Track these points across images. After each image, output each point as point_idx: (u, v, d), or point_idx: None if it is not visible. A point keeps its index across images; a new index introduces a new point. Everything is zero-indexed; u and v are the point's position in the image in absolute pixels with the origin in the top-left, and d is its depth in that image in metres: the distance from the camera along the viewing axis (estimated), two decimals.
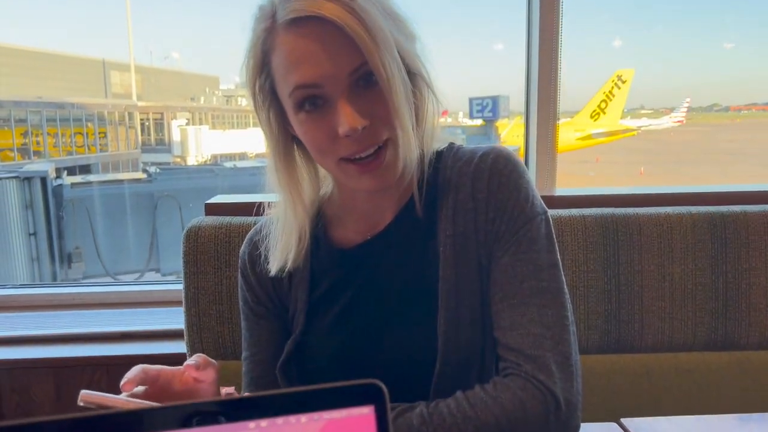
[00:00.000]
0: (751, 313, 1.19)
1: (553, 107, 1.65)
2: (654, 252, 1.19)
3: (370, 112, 0.72)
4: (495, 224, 0.79)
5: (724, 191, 1.30)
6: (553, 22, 1.59)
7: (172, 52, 41.10)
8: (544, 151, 1.67)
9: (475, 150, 0.83)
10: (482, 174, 0.80)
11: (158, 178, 9.11)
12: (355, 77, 0.71)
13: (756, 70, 51.47)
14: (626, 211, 1.21)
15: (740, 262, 1.18)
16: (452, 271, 0.79)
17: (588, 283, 1.19)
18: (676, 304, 1.19)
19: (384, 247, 0.83)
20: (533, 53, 1.64)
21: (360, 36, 0.68)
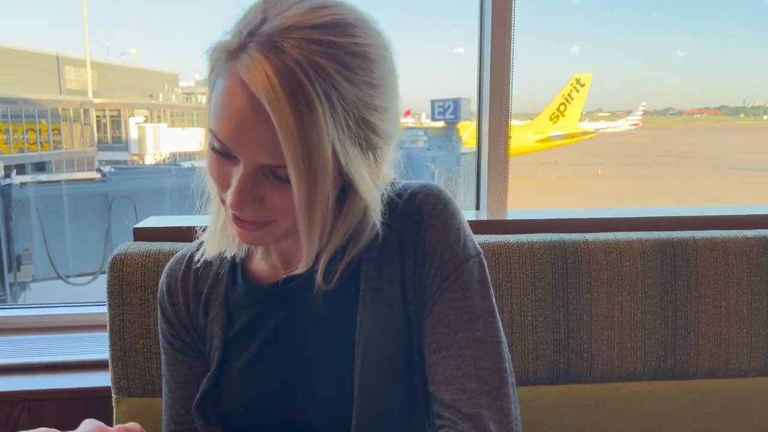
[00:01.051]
0: (700, 342, 1.17)
1: (505, 113, 1.62)
2: (603, 279, 1.15)
3: (269, 198, 0.66)
4: (424, 269, 0.74)
5: (673, 216, 1.28)
6: (506, 29, 1.56)
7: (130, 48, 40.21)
8: (496, 158, 1.63)
9: (405, 187, 0.78)
10: (410, 215, 0.75)
11: (113, 177, 8.87)
12: (269, 168, 0.64)
13: (707, 77, 53.81)
14: (575, 237, 1.18)
15: (689, 289, 1.16)
16: (372, 319, 0.74)
17: (536, 312, 1.15)
18: (625, 333, 1.16)
19: (302, 288, 0.77)
20: (485, 62, 1.60)
21: (293, 152, 0.60)
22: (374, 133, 0.66)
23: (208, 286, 0.84)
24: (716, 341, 1.17)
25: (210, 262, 0.83)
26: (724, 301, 1.16)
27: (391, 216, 0.75)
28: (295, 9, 0.61)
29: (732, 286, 1.16)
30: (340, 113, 0.61)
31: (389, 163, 0.74)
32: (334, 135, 0.61)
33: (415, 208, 0.76)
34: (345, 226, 0.73)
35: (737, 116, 50.05)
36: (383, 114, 0.66)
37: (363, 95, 0.63)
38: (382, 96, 0.65)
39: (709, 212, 1.29)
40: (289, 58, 0.58)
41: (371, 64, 0.64)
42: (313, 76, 0.59)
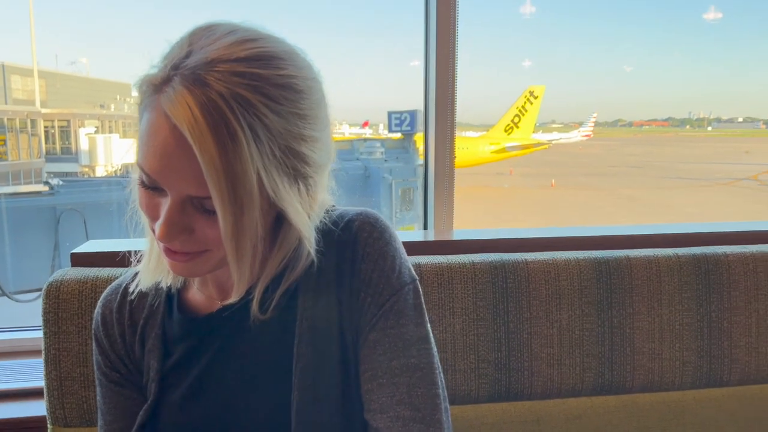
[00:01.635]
0: (636, 357, 1.20)
1: (450, 133, 1.64)
2: (542, 298, 1.18)
3: (199, 229, 0.66)
4: (360, 297, 0.75)
5: (608, 235, 1.32)
6: (449, 46, 1.58)
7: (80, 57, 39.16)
8: (443, 181, 1.65)
9: (342, 215, 0.78)
10: (346, 243, 0.76)
11: (61, 190, 8.62)
12: (197, 199, 0.65)
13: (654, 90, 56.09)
14: (515, 257, 1.20)
15: (624, 306, 1.20)
16: (309, 348, 0.74)
17: (478, 331, 1.17)
18: (564, 350, 1.19)
19: (238, 318, 0.76)
20: (430, 82, 1.62)
21: (217, 184, 0.60)
22: (304, 162, 0.67)
23: (144, 317, 0.83)
24: (651, 356, 1.21)
25: (146, 292, 0.82)
26: (657, 318, 1.21)
27: (328, 244, 0.76)
28: (220, 42, 0.62)
29: (664, 302, 1.21)
30: (266, 144, 0.62)
31: (323, 190, 0.75)
32: (259, 166, 0.61)
33: (351, 236, 0.76)
34: (280, 256, 0.73)
35: (683, 127, 51.94)
36: (313, 143, 0.67)
37: (290, 126, 0.64)
38: (311, 126, 0.66)
39: (642, 231, 1.34)
40: (212, 91, 0.59)
41: (298, 95, 0.65)
42: (236, 109, 0.59)
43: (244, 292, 0.72)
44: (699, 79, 50.26)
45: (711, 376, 1.22)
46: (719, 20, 31.94)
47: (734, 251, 1.24)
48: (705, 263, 1.22)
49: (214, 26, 0.65)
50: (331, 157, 0.73)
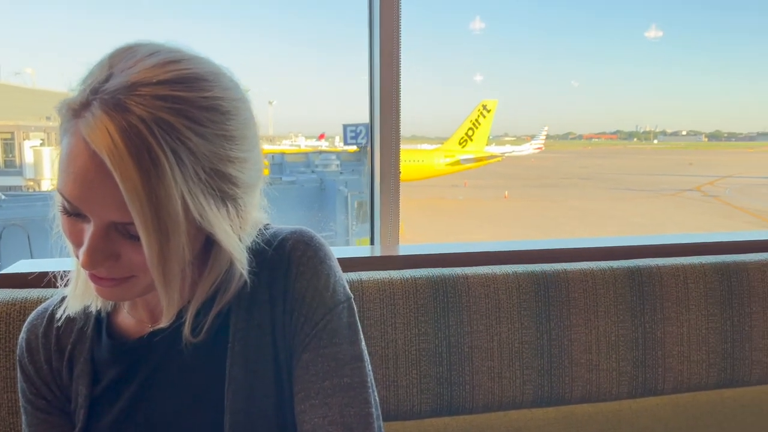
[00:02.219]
0: (574, 369, 1.23)
1: (396, 142, 1.65)
2: (482, 312, 1.20)
3: (125, 255, 0.65)
4: (293, 317, 0.75)
5: (546, 248, 1.35)
6: (393, 63, 1.59)
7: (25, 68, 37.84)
8: (388, 196, 1.66)
9: (276, 234, 0.78)
10: (280, 263, 0.75)
11: (4, 205, 8.31)
12: (121, 225, 0.64)
13: (602, 104, 58.08)
14: (456, 272, 1.22)
15: (562, 319, 1.23)
16: (242, 370, 0.73)
17: (420, 346, 1.17)
18: (504, 363, 1.20)
19: (169, 341, 0.75)
20: (375, 93, 1.63)
21: (140, 210, 0.59)
22: (232, 183, 0.66)
23: (71, 342, 0.80)
24: (588, 367, 1.24)
25: (73, 317, 0.80)
26: (594, 329, 1.24)
27: (261, 264, 0.75)
28: (142, 65, 0.61)
29: (600, 314, 1.24)
30: (190, 168, 0.61)
31: (255, 209, 0.74)
32: (184, 190, 0.61)
33: (285, 256, 0.76)
34: (211, 278, 0.72)
35: (631, 140, 53.67)
36: (241, 164, 0.67)
37: (216, 148, 0.63)
38: (238, 147, 0.66)
39: (579, 244, 1.37)
40: (133, 116, 0.58)
41: (223, 117, 0.64)
42: (158, 133, 0.58)
43: (175, 316, 0.71)
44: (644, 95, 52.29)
45: (646, 386, 1.26)
46: (660, 38, 33.46)
47: (666, 263, 1.29)
48: (638, 275, 1.26)
49: (135, 48, 0.64)
50: (261, 176, 0.73)
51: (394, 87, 1.58)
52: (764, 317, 1.30)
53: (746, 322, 1.29)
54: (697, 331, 1.28)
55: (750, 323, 1.30)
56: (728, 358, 1.29)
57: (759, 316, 1.30)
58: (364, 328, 1.15)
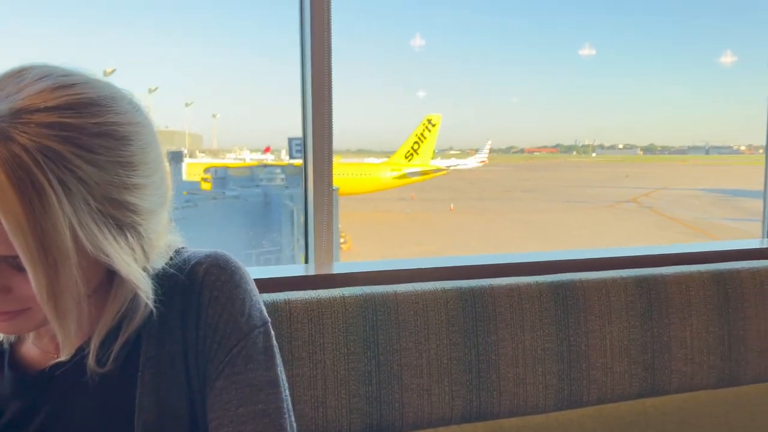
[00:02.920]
0: (501, 383, 1.25)
1: (328, 157, 1.63)
2: (411, 329, 1.20)
3: (17, 288, 0.62)
4: (207, 344, 0.73)
5: (472, 264, 1.37)
6: (324, 73, 1.59)
7: None
8: (321, 209, 1.65)
9: (189, 258, 0.76)
10: (192, 288, 0.74)
11: None
12: (10, 258, 0.61)
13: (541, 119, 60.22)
14: (385, 289, 1.22)
15: (489, 334, 1.24)
16: (152, 399, 0.71)
17: (349, 365, 1.16)
18: (433, 380, 1.21)
19: (76, 372, 0.72)
20: (307, 107, 1.62)
21: (24, 244, 0.57)
22: (130, 211, 0.64)
23: None
24: (515, 381, 1.25)
25: None
26: (521, 344, 1.26)
27: (173, 290, 0.73)
28: (29, 90, 0.59)
29: (527, 328, 1.26)
30: (80, 198, 0.59)
31: (163, 234, 0.72)
32: (73, 221, 0.58)
33: (198, 281, 0.74)
34: (114, 308, 0.70)
35: (571, 153, 55.42)
36: (140, 191, 0.65)
37: (110, 176, 0.61)
38: (136, 173, 0.64)
39: (505, 260, 1.40)
40: (16, 146, 0.55)
41: (118, 143, 0.62)
42: (43, 163, 0.56)
43: (76, 348, 0.68)
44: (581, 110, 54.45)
45: (571, 398, 1.29)
46: (593, 56, 35.02)
47: (588, 277, 1.33)
48: (562, 289, 1.29)
49: (25, 71, 0.61)
50: (166, 200, 0.71)
51: (326, 102, 1.58)
52: (682, 327, 1.35)
53: (665, 333, 1.34)
54: (619, 342, 1.32)
55: (668, 333, 1.34)
56: (649, 369, 1.33)
57: (677, 327, 1.35)
58: (293, 349, 1.14)
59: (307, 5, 1.57)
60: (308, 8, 1.56)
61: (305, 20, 1.59)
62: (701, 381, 1.36)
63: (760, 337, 1.40)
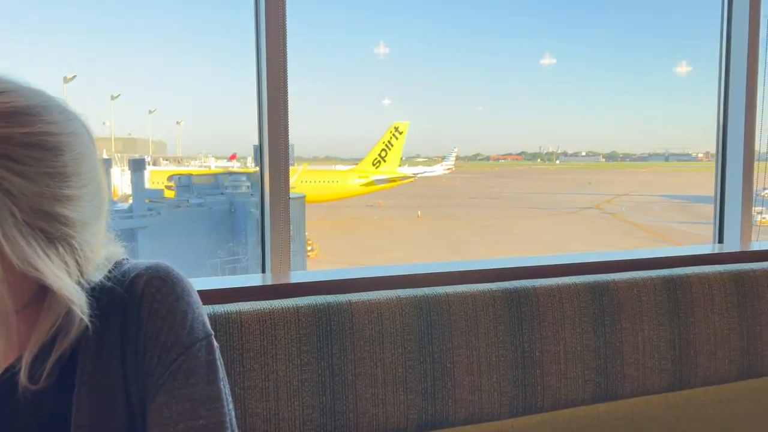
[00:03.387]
0: (457, 391, 1.25)
1: (285, 165, 1.62)
2: (366, 338, 1.19)
3: None
4: (146, 358, 0.71)
5: (428, 272, 1.37)
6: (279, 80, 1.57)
7: None
8: (277, 210, 1.63)
9: (130, 270, 0.74)
10: (132, 301, 0.72)
11: None
12: None
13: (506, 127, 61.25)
14: (338, 299, 1.21)
15: (444, 341, 1.24)
16: (89, 417, 0.69)
17: (302, 376, 1.15)
18: (388, 389, 1.20)
19: (7, 389, 0.69)
20: (263, 114, 1.61)
21: None
22: (61, 224, 0.62)
23: None
24: (470, 389, 1.26)
25: None
26: (475, 351, 1.26)
27: (111, 303, 0.71)
28: None
29: (481, 335, 1.27)
30: (5, 210, 0.56)
31: (99, 247, 0.70)
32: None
33: (138, 293, 0.72)
34: (47, 324, 0.67)
35: (535, 161, 56.27)
36: (72, 202, 0.63)
37: (39, 187, 0.59)
38: (68, 184, 0.62)
39: (460, 267, 1.40)
40: None
41: (49, 153, 0.60)
42: None
43: (7, 365, 0.66)
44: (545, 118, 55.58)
45: (526, 404, 1.29)
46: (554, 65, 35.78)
47: (542, 284, 1.34)
48: (517, 296, 1.30)
49: None
50: (102, 211, 0.69)
51: (282, 109, 1.57)
52: (633, 333, 1.37)
53: (617, 338, 1.36)
54: (572, 348, 1.33)
55: (621, 339, 1.36)
56: (602, 374, 1.35)
57: (629, 332, 1.37)
58: (244, 361, 1.12)
59: (262, 14, 1.56)
60: (263, 16, 1.56)
61: (260, 28, 1.58)
62: (653, 385, 1.39)
63: (709, 341, 1.43)
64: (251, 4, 1.64)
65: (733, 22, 2.05)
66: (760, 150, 2.08)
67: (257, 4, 1.60)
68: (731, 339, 1.45)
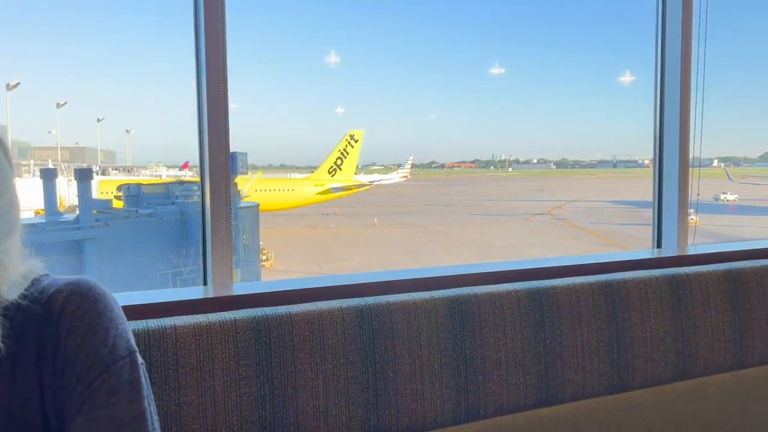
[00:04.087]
0: (399, 400, 1.24)
1: (225, 175, 1.59)
2: (307, 350, 1.18)
3: None
4: (65, 377, 0.68)
5: (368, 282, 1.36)
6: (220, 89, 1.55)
7: None
8: (218, 220, 1.60)
9: (49, 286, 0.71)
10: (50, 319, 0.69)
11: None
12: None
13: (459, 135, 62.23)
14: (278, 311, 1.19)
15: (387, 351, 1.24)
16: None
17: (240, 390, 1.13)
18: (330, 401, 1.19)
19: None
20: (203, 125, 1.58)
21: None
22: None
23: None
24: (413, 398, 1.25)
25: None
26: (418, 359, 1.26)
27: (26, 322, 0.68)
28: None
29: (423, 344, 1.27)
30: None
31: (13, 264, 0.67)
32: None
33: (56, 311, 0.69)
34: None
35: (488, 168, 57.12)
36: None
37: None
38: None
39: (401, 276, 1.41)
40: None
41: None
42: None
43: None
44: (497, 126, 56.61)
45: (468, 411, 1.30)
46: (503, 74, 36.62)
47: (483, 291, 1.35)
48: (458, 303, 1.31)
49: None
50: (15, 226, 0.66)
51: (221, 118, 1.54)
52: (573, 337, 1.40)
53: (557, 343, 1.38)
54: (513, 354, 1.34)
55: (561, 344, 1.39)
56: (543, 379, 1.37)
57: (569, 337, 1.39)
58: (179, 377, 1.09)
59: (201, 21, 1.53)
60: (202, 24, 1.53)
61: (200, 40, 1.55)
62: (592, 389, 1.41)
63: (646, 344, 1.47)
64: None
65: (667, 35, 2.13)
66: (694, 156, 2.16)
67: (196, 13, 1.57)
68: (667, 341, 1.50)
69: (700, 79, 2.16)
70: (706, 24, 2.19)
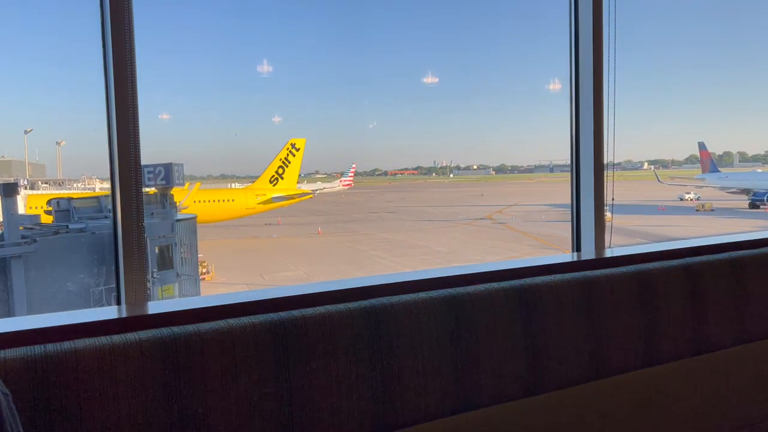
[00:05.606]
0: (315, 414, 1.23)
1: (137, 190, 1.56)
2: (217, 370, 1.16)
3: None
4: None
5: (282, 296, 1.35)
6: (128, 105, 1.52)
7: None
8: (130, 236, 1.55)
9: None
10: None
11: None
12: None
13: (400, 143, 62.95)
14: (187, 329, 1.16)
15: (302, 365, 1.22)
16: None
17: (147, 413, 1.09)
18: (242, 420, 1.17)
19: None
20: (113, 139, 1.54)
21: None
22: None
23: None
24: (330, 411, 1.25)
25: None
26: (334, 372, 1.25)
27: None
28: None
29: (340, 356, 1.26)
30: None
31: None
32: None
33: None
34: None
35: (430, 175, 57.75)
36: None
37: None
38: None
39: (315, 289, 1.40)
40: None
41: None
42: None
43: None
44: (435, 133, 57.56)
45: (386, 421, 1.30)
46: (436, 84, 37.29)
47: (400, 300, 1.36)
48: (374, 313, 1.31)
49: None
50: None
51: (131, 130, 1.50)
52: (489, 343, 1.42)
53: (474, 349, 1.40)
54: (431, 362, 1.35)
55: (477, 349, 1.41)
56: (461, 385, 1.38)
57: (485, 342, 1.42)
58: (81, 402, 1.05)
59: (109, 36, 1.49)
60: (109, 38, 1.49)
61: (107, 54, 1.51)
62: (509, 392, 1.44)
63: (560, 346, 1.51)
64: None
65: (580, 46, 2.21)
66: (606, 160, 2.24)
67: (103, 21, 1.53)
68: (580, 343, 1.54)
69: (611, 88, 2.25)
70: (615, 38, 2.29)
